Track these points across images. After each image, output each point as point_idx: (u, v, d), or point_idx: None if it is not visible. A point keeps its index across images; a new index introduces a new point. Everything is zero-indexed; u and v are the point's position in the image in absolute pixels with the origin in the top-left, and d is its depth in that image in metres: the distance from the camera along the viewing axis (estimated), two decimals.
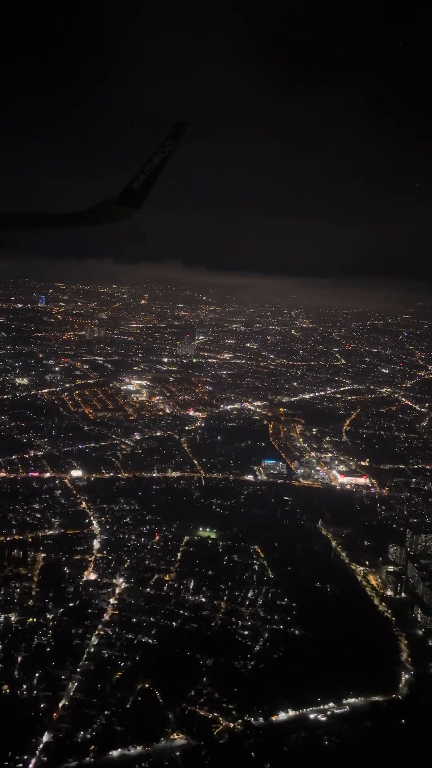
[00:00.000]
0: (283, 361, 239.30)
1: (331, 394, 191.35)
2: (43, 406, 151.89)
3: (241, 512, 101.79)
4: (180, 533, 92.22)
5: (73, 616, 71.06)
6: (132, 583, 78.61)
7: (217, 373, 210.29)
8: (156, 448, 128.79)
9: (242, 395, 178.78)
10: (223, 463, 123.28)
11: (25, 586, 76.16)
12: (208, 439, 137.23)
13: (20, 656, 63.93)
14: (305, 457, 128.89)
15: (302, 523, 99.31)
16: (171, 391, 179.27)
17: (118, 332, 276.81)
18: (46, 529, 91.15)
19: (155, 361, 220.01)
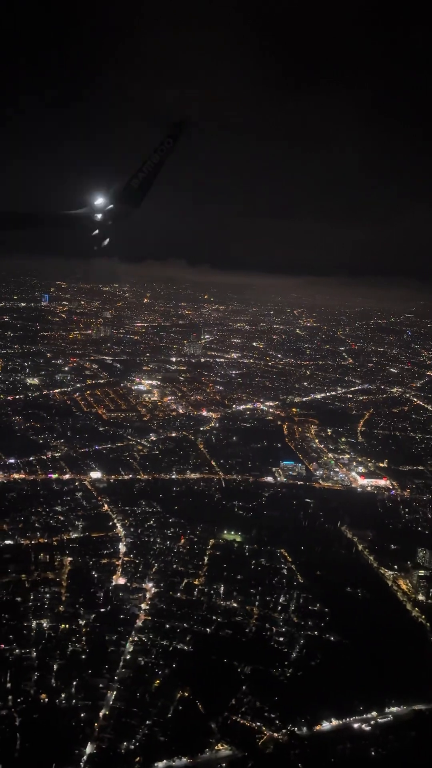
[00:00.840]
0: (290, 361, 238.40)
1: (342, 394, 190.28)
2: (55, 407, 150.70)
3: (264, 515, 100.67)
4: (205, 536, 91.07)
5: (106, 622, 69.88)
6: (162, 588, 77.32)
7: (226, 372, 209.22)
8: (173, 449, 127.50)
9: (253, 395, 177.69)
10: (241, 464, 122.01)
11: (54, 591, 74.94)
12: (224, 440, 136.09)
13: (56, 664, 62.77)
14: (323, 458, 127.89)
15: (326, 526, 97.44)
16: (182, 391, 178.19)
17: (124, 331, 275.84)
18: (70, 532, 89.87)
19: (164, 361, 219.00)
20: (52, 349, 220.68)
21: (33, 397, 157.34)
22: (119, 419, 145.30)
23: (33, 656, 63.79)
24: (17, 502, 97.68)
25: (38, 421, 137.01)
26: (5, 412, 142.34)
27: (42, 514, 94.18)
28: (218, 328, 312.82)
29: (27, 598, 73.14)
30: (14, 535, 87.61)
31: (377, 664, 65.72)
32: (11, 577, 77.43)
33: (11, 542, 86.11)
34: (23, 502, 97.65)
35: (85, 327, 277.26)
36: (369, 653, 67.26)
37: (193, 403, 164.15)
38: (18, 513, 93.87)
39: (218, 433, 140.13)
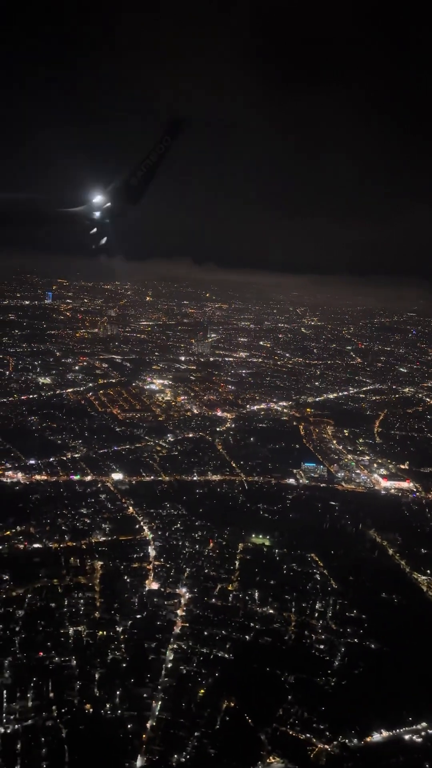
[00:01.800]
0: (299, 360, 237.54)
1: (354, 394, 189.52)
2: (70, 407, 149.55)
3: (290, 518, 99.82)
4: (234, 540, 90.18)
5: (143, 628, 68.70)
6: (196, 594, 76.12)
7: (236, 372, 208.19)
8: (191, 450, 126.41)
9: (266, 395, 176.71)
10: (262, 465, 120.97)
11: (88, 596, 73.87)
12: (241, 441, 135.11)
13: (97, 672, 61.42)
14: (343, 460, 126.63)
15: (353, 529, 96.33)
16: (194, 391, 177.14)
17: (130, 330, 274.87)
18: (98, 536, 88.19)
19: (173, 360, 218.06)
20: (61, 347, 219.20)
21: (47, 397, 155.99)
22: (135, 419, 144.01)
23: (73, 664, 62.46)
24: (42, 504, 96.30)
25: (54, 421, 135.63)
26: (21, 412, 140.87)
27: (68, 516, 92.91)
28: (223, 326, 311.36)
29: (61, 604, 71.90)
30: (42, 539, 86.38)
31: (421, 672, 64.32)
32: (43, 582, 76.14)
33: (40, 546, 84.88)
34: (48, 504, 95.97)
35: (91, 325, 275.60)
36: (411, 661, 65.72)
37: (206, 403, 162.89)
38: (44, 515, 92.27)
39: (235, 434, 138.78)
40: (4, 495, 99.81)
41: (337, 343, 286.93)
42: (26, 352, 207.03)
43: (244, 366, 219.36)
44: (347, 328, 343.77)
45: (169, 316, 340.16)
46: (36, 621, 68.66)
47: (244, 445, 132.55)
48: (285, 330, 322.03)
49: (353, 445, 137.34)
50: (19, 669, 61.35)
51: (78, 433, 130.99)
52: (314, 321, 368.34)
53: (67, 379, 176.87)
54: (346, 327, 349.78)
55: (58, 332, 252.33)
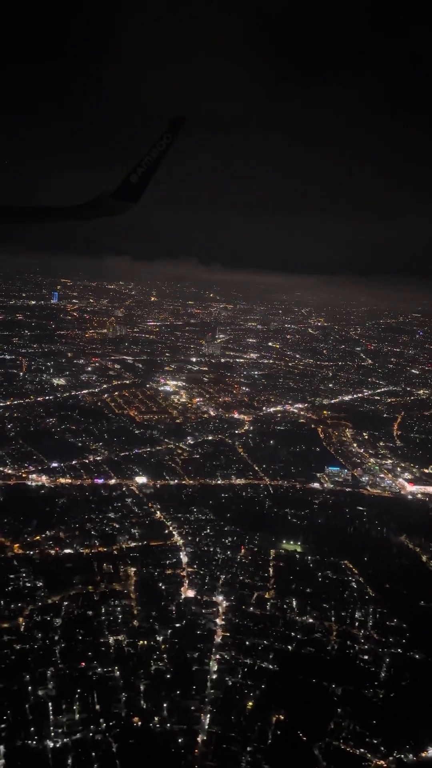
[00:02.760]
0: (310, 361, 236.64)
1: (369, 396, 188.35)
2: (86, 408, 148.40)
3: (319, 523, 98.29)
4: (265, 546, 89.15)
5: (184, 638, 67.45)
6: (233, 602, 74.61)
7: (249, 373, 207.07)
8: (213, 453, 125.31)
9: (281, 397, 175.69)
10: (284, 469, 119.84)
11: (125, 604, 72.64)
12: (261, 444, 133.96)
13: (142, 684, 59.92)
14: (366, 463, 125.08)
15: (384, 535, 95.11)
16: (209, 392, 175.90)
17: (138, 330, 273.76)
18: (128, 541, 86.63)
19: (184, 361, 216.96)
20: (72, 348, 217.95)
21: (62, 398, 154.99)
22: (152, 421, 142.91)
23: (117, 675, 61.30)
24: (69, 508, 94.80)
25: (73, 423, 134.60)
26: (38, 413, 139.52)
27: (96, 521, 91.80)
28: (231, 327, 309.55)
29: (98, 612, 70.70)
30: (73, 544, 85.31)
31: None
32: (78, 589, 74.93)
33: (71, 551, 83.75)
34: (75, 508, 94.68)
35: (99, 326, 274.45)
36: None
37: (222, 405, 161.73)
38: (72, 520, 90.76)
39: (254, 437, 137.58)
40: (30, 498, 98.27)
41: (346, 344, 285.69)
42: (38, 352, 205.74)
43: (255, 367, 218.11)
44: (354, 329, 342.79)
45: (176, 316, 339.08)
46: (75, 630, 67.40)
47: (264, 448, 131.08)
48: (292, 331, 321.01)
49: (374, 448, 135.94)
50: (62, 680, 60.04)
51: (97, 435, 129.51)
52: (320, 322, 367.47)
53: (81, 380, 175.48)
54: (353, 328, 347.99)
55: (68, 333, 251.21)
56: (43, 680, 59.61)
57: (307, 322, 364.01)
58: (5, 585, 74.63)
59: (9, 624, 67.59)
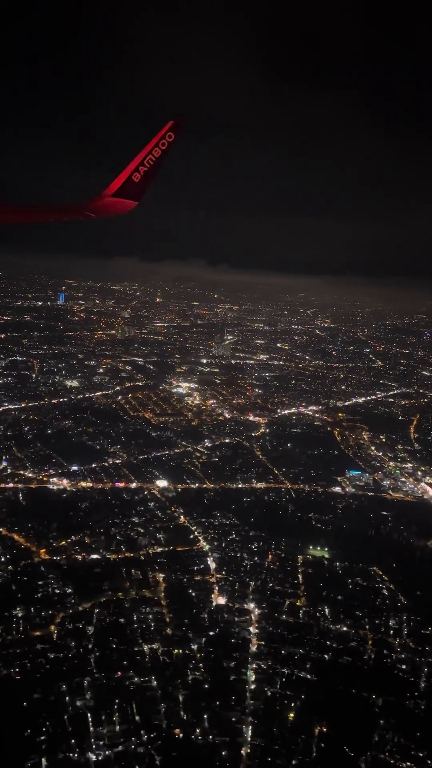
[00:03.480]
0: (320, 363, 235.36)
1: (382, 398, 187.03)
2: (102, 411, 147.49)
3: (344, 529, 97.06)
4: (292, 552, 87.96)
5: (219, 646, 66.54)
6: (265, 609, 73.40)
7: (260, 375, 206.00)
8: (231, 456, 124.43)
9: (294, 399, 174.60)
10: (304, 473, 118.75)
11: (156, 611, 71.57)
12: (279, 447, 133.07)
13: (180, 694, 58.71)
14: (386, 467, 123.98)
15: (411, 541, 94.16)
16: (222, 394, 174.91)
17: (146, 331, 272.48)
18: (154, 546, 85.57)
19: (194, 363, 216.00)
20: (81, 349, 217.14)
21: (77, 400, 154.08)
22: (168, 424, 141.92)
23: (154, 685, 59.90)
24: (92, 512, 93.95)
25: (89, 426, 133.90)
26: (54, 416, 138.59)
27: (120, 525, 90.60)
28: (238, 328, 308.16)
29: (130, 620, 69.72)
30: (99, 549, 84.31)
31: None
32: (108, 595, 73.67)
33: (98, 557, 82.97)
34: (98, 512, 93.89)
35: (107, 327, 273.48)
36: None
37: (236, 407, 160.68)
38: (96, 525, 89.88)
39: (271, 440, 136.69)
40: (53, 502, 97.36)
41: (354, 346, 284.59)
42: (48, 354, 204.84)
43: (266, 369, 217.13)
44: (361, 330, 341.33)
45: (182, 317, 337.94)
46: (108, 638, 66.48)
47: (282, 452, 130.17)
48: (299, 332, 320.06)
49: (393, 451, 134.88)
50: (99, 690, 59.10)
51: (115, 437, 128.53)
52: (327, 323, 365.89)
53: (94, 381, 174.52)
54: (360, 329, 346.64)
55: (76, 334, 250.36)
56: (80, 690, 58.50)
57: (313, 323, 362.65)
58: (34, 591, 73.43)
59: (41, 632, 66.53)
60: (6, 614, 69.32)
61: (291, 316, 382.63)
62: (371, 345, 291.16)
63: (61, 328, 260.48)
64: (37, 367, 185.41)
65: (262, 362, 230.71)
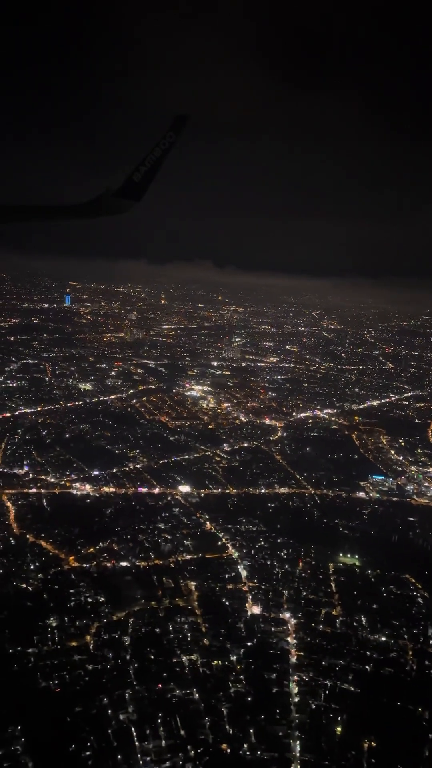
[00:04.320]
0: (330, 365, 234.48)
1: (396, 400, 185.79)
2: (117, 414, 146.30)
3: (372, 535, 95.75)
4: (321, 559, 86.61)
5: (258, 658, 65.41)
6: (301, 619, 72.06)
7: (272, 377, 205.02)
8: (251, 461, 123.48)
9: (308, 402, 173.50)
10: (326, 477, 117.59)
11: (191, 621, 70.10)
12: (298, 451, 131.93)
13: (224, 707, 57.21)
14: (408, 472, 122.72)
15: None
16: (236, 397, 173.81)
17: (154, 334, 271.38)
18: (183, 553, 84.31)
19: (205, 365, 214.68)
20: (92, 352, 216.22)
21: (92, 404, 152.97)
22: (185, 427, 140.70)
23: (196, 698, 58.55)
24: (117, 518, 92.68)
25: (106, 430, 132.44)
26: (71, 419, 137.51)
27: (147, 532, 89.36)
28: (245, 330, 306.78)
29: (166, 630, 68.39)
30: (128, 556, 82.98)
31: None
32: (141, 604, 72.28)
33: (127, 564, 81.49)
34: (124, 518, 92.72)
35: (115, 329, 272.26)
36: None
37: (251, 411, 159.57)
38: (123, 531, 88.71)
39: (290, 444, 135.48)
40: (77, 508, 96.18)
41: (363, 348, 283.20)
42: (59, 357, 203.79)
43: (277, 371, 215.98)
44: (368, 332, 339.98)
45: (189, 319, 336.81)
46: (145, 648, 65.19)
47: (302, 456, 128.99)
48: (307, 334, 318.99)
49: (413, 455, 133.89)
50: (141, 703, 57.76)
51: (133, 442, 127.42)
52: (333, 324, 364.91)
53: (107, 385, 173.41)
54: (366, 330, 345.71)
55: (85, 336, 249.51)
56: (122, 703, 57.30)
57: (319, 324, 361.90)
58: (67, 600, 72.22)
59: (77, 642, 65.32)
60: (40, 624, 67.72)
61: (296, 318, 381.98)
62: (380, 347, 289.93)
63: (69, 330, 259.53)
64: (49, 370, 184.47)
65: (273, 365, 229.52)
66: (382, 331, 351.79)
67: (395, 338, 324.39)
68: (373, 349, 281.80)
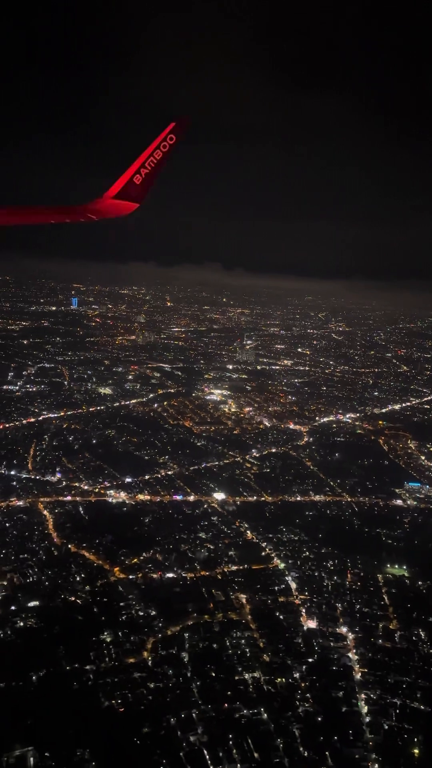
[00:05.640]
0: (345, 368, 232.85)
1: (417, 404, 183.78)
2: (141, 419, 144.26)
3: (416, 545, 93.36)
4: (369, 571, 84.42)
5: (322, 675, 62.87)
6: (359, 634, 69.59)
7: (289, 381, 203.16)
8: (282, 467, 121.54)
9: (329, 406, 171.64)
10: (360, 484, 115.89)
11: (247, 636, 67.92)
12: (328, 457, 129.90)
13: (295, 728, 55.00)
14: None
15: None
16: (256, 402, 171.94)
17: (165, 336, 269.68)
18: (228, 564, 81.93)
19: (221, 368, 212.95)
20: (106, 355, 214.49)
21: (114, 409, 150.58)
22: (210, 432, 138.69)
23: (265, 718, 56.21)
24: (157, 527, 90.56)
25: (132, 435, 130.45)
26: (95, 425, 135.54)
27: (189, 541, 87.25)
28: (255, 333, 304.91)
29: (223, 645, 66.57)
30: (173, 567, 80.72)
31: None
32: (194, 618, 70.01)
33: (173, 575, 79.02)
34: (163, 528, 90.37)
35: (126, 332, 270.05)
36: None
37: (274, 415, 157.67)
38: (164, 541, 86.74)
39: (318, 449, 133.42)
40: (114, 516, 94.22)
41: (375, 350, 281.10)
42: (74, 360, 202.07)
43: (293, 375, 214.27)
44: (377, 334, 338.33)
45: (197, 321, 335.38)
46: (205, 665, 62.96)
47: (332, 462, 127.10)
48: (317, 336, 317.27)
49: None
50: (210, 723, 55.24)
51: (160, 447, 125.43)
52: (342, 327, 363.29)
53: (126, 389, 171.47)
54: (375, 333, 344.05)
55: (97, 339, 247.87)
56: (191, 724, 55.07)
57: (327, 327, 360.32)
58: (117, 614, 70.19)
59: (135, 659, 62.96)
60: (94, 639, 65.25)
61: (303, 320, 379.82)
62: (392, 349, 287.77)
63: (80, 333, 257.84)
64: (66, 374, 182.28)
65: (288, 368, 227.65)
66: (391, 334, 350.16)
67: (405, 340, 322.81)
68: (386, 352, 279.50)
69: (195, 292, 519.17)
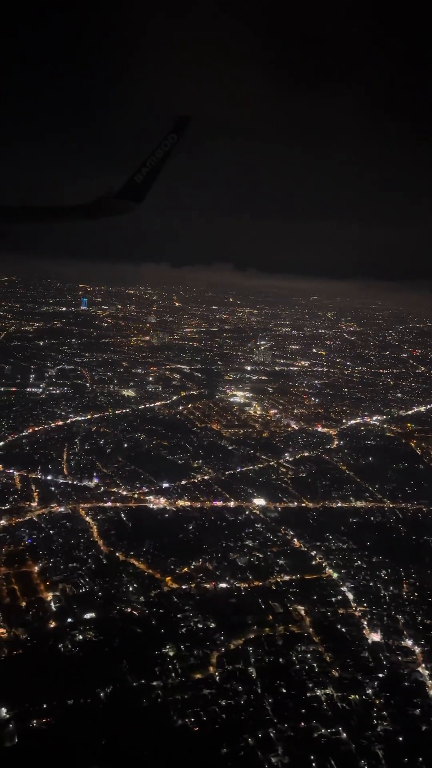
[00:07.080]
0: (363, 369, 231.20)
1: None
2: (168, 422, 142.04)
3: None
4: (426, 581, 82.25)
5: (395, 692, 60.30)
6: (425, 647, 67.27)
7: (310, 382, 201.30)
8: (317, 472, 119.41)
9: (354, 408, 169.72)
10: (399, 489, 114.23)
11: (312, 650, 65.39)
12: (361, 461, 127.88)
13: (377, 749, 52.61)
14: None
15: None
16: (281, 404, 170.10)
17: (179, 337, 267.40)
18: (281, 574, 79.50)
19: (239, 369, 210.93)
20: (124, 357, 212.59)
21: (139, 411, 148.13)
22: (239, 436, 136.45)
23: (344, 737, 53.65)
24: (202, 535, 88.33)
25: (162, 438, 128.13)
26: (123, 428, 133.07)
27: (236, 549, 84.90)
28: (267, 333, 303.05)
29: (290, 660, 64.20)
30: (225, 576, 78.44)
31: None
32: (255, 631, 67.65)
33: (227, 585, 76.62)
34: (209, 535, 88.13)
35: (140, 333, 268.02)
36: None
37: (300, 418, 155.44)
38: (212, 549, 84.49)
39: (350, 452, 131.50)
40: (157, 523, 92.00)
41: (390, 350, 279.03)
42: (93, 362, 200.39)
43: (312, 376, 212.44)
44: (389, 334, 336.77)
45: (208, 322, 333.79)
46: (274, 681, 60.55)
47: (367, 466, 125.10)
48: (329, 336, 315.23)
49: None
50: (288, 743, 52.84)
51: (192, 451, 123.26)
52: (353, 326, 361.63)
53: (149, 391, 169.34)
54: (387, 333, 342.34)
55: (112, 340, 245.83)
56: (270, 744, 52.61)
57: (338, 327, 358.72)
58: (176, 626, 67.51)
59: (202, 674, 60.42)
60: (156, 653, 62.67)
61: (313, 320, 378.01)
62: (407, 350, 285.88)
63: (94, 334, 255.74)
64: (87, 375, 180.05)
65: (306, 369, 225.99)
66: (402, 333, 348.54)
67: (417, 340, 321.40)
68: (401, 352, 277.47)
69: (202, 292, 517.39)
